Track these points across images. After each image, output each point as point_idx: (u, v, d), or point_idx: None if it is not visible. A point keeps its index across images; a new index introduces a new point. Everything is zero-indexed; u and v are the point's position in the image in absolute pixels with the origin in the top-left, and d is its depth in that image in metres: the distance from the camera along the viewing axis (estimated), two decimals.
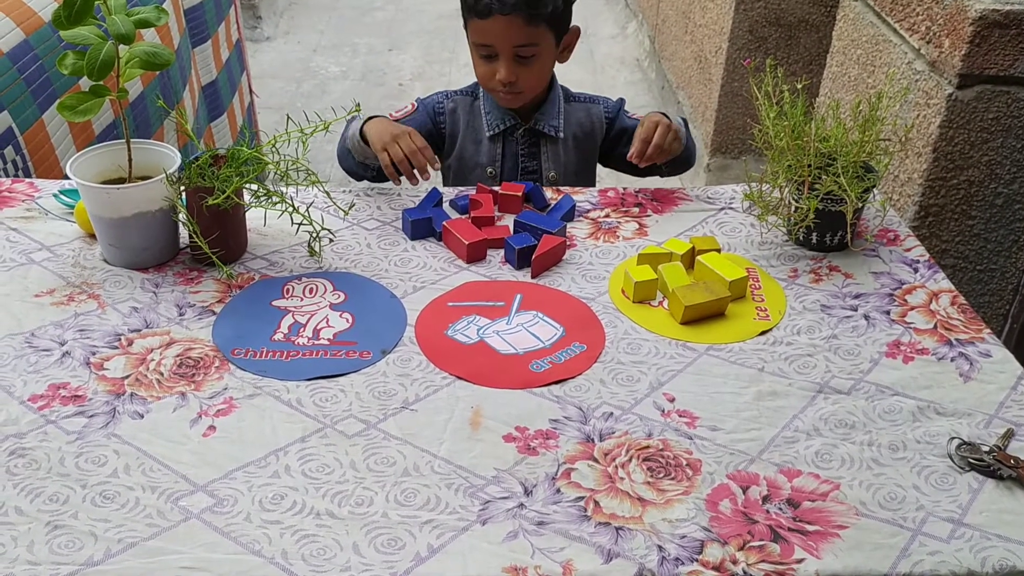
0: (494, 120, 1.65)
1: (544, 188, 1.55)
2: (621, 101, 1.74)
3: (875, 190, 1.48)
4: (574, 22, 1.63)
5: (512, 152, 1.67)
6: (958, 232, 1.76)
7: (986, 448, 1.03)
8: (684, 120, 1.65)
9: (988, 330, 1.25)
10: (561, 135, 1.66)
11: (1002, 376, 1.16)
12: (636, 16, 4.84)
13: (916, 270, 1.38)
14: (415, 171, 1.47)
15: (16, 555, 0.88)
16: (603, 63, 4.52)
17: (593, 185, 1.75)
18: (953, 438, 1.05)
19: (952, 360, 1.19)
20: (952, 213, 1.74)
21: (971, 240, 1.77)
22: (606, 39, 4.83)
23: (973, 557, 0.91)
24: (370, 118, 1.55)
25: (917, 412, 1.10)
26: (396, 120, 1.61)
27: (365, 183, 1.62)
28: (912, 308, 1.29)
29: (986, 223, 1.75)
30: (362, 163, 1.58)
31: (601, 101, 1.73)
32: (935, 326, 1.25)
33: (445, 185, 1.72)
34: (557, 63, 1.65)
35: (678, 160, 1.63)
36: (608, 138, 1.73)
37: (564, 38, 1.61)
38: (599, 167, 1.78)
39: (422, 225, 1.42)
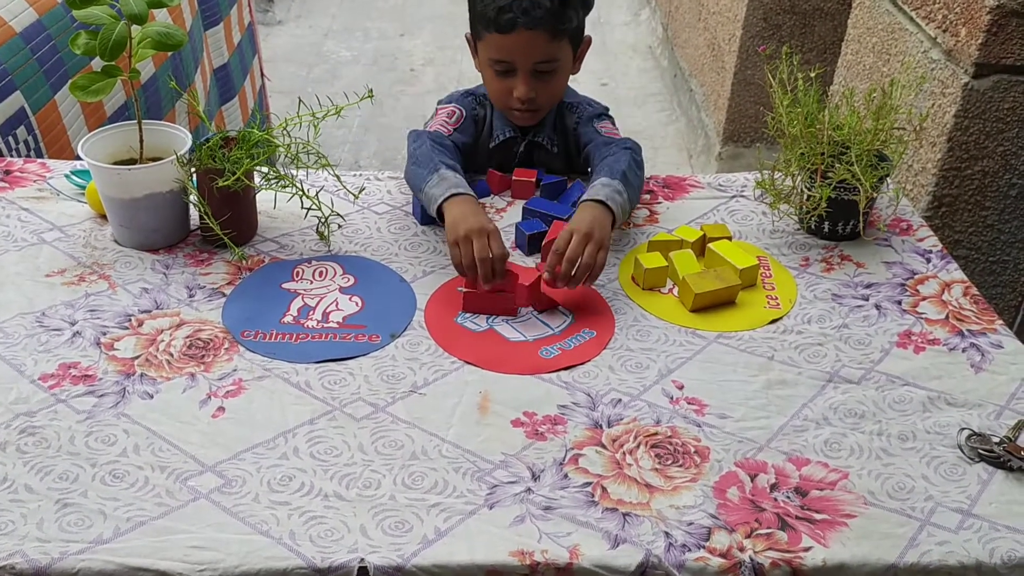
0: (495, 131, 1.60)
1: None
2: (599, 110, 1.60)
3: (888, 179, 1.47)
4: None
5: (508, 163, 1.63)
6: (971, 223, 1.75)
7: (996, 439, 1.02)
8: (630, 158, 1.42)
9: (1000, 321, 1.24)
10: (555, 150, 1.59)
11: (1013, 367, 1.16)
12: (649, 3, 4.81)
13: (928, 260, 1.37)
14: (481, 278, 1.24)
15: (26, 532, 0.89)
16: (615, 50, 4.49)
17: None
18: (963, 429, 1.05)
19: (963, 351, 1.18)
20: (966, 204, 1.73)
21: (984, 231, 1.76)
22: (619, 26, 4.81)
23: (982, 548, 0.91)
24: (457, 194, 1.31)
25: (927, 402, 1.09)
26: (450, 128, 1.51)
27: (372, 169, 1.59)
28: (924, 298, 1.29)
29: (1000, 214, 1.74)
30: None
31: (579, 108, 1.58)
32: (947, 316, 1.25)
33: None
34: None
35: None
36: (577, 147, 1.60)
37: (579, 49, 1.54)
38: None
39: None
